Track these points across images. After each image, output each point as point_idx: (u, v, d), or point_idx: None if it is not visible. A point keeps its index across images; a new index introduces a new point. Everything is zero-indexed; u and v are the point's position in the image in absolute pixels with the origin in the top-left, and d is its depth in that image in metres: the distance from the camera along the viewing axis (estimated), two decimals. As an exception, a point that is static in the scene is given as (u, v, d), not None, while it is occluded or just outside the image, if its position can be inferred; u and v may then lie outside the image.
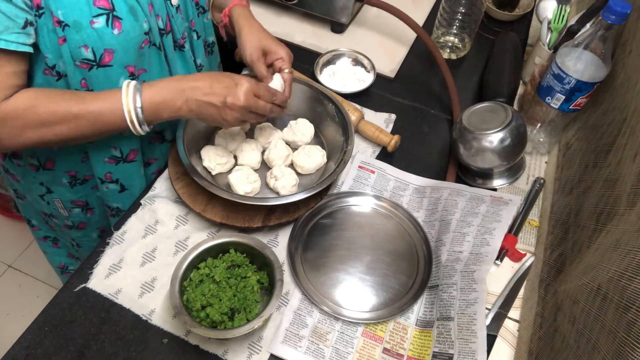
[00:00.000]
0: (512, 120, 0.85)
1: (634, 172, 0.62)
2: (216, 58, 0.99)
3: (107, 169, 0.85)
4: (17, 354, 0.70)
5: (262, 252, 0.74)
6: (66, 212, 0.95)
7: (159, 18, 0.76)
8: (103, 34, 0.68)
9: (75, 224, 0.98)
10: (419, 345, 0.74)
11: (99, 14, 0.67)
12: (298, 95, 0.96)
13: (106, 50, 0.70)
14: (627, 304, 0.51)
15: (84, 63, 0.70)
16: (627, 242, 0.56)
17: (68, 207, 0.94)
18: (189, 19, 0.84)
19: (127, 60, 0.73)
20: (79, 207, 0.94)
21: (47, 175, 0.87)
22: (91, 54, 0.69)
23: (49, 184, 0.89)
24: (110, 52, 0.70)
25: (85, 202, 0.94)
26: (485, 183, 0.93)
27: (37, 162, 0.84)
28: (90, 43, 0.68)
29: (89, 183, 0.90)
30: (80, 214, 0.95)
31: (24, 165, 0.85)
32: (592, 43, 0.80)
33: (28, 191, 0.93)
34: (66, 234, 1.03)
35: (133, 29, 0.70)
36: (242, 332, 0.66)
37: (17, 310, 1.70)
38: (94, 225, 1.00)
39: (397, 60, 1.16)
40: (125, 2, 0.69)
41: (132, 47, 0.72)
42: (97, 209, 0.96)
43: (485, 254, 0.80)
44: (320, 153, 0.89)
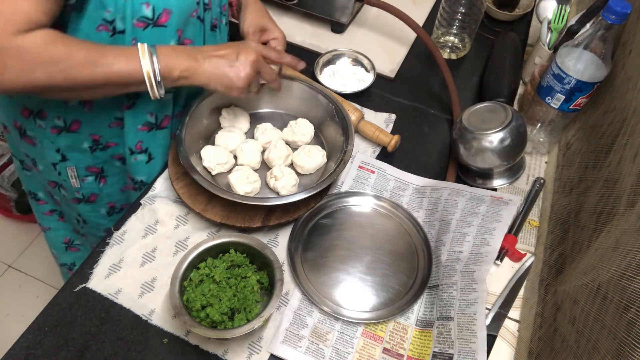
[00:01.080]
0: (512, 120, 0.85)
1: (634, 172, 0.62)
2: None
3: (139, 137, 0.87)
4: (17, 354, 0.70)
5: (262, 252, 0.74)
6: (78, 183, 0.94)
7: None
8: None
9: (85, 196, 0.97)
10: (419, 345, 0.74)
11: None
12: (298, 95, 0.96)
13: (165, 10, 0.72)
14: (627, 304, 0.51)
15: (141, 21, 0.72)
16: (627, 242, 0.56)
17: (81, 176, 0.93)
18: (222, 4, 0.87)
19: (179, 25, 0.76)
20: (92, 175, 0.94)
21: (67, 139, 0.86)
22: (151, 12, 0.71)
23: (67, 150, 0.88)
24: (168, 12, 0.73)
25: (101, 169, 0.94)
26: (485, 183, 0.93)
27: (62, 123, 0.84)
28: (152, 1, 0.71)
29: (109, 151, 0.91)
30: (93, 183, 0.95)
31: (46, 127, 0.84)
32: (592, 43, 0.80)
33: (41, 158, 0.92)
34: (73, 209, 1.02)
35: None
36: (242, 332, 0.66)
37: (17, 310, 1.70)
38: (104, 199, 0.99)
39: (397, 60, 1.16)
40: None
41: (186, 12, 0.75)
42: (110, 179, 0.96)
43: (485, 254, 0.80)
44: (320, 153, 0.89)
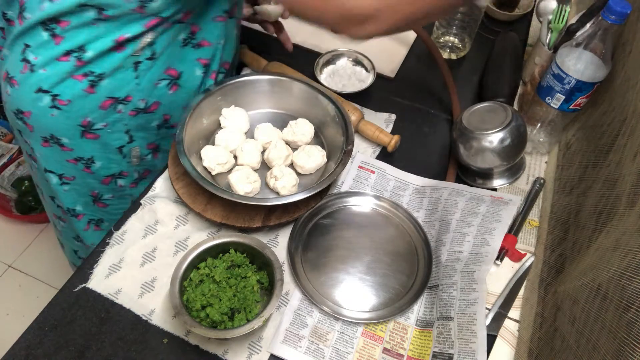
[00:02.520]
0: (512, 120, 0.85)
1: (634, 172, 0.62)
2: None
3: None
4: (17, 354, 0.70)
5: (262, 252, 0.74)
6: (138, 161, 0.97)
7: None
8: None
9: (141, 173, 1.00)
10: (419, 345, 0.74)
11: None
12: (298, 95, 0.96)
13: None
14: (627, 304, 0.51)
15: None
16: (627, 242, 0.56)
17: (143, 154, 0.97)
18: None
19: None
20: (150, 152, 0.98)
21: (142, 119, 0.90)
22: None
23: (136, 129, 0.92)
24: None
25: (158, 145, 0.98)
26: (485, 183, 0.93)
27: (143, 105, 0.88)
28: None
29: (173, 129, 0.95)
30: (150, 159, 0.99)
31: (125, 111, 0.87)
32: (592, 43, 0.80)
33: (104, 148, 0.93)
34: (126, 199, 1.03)
35: None
36: (242, 332, 0.66)
37: (17, 310, 1.70)
38: (155, 174, 1.00)
39: (397, 60, 1.16)
40: None
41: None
42: (162, 154, 1.00)
43: (485, 254, 0.80)
44: (320, 153, 0.89)
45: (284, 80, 0.96)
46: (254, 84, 0.95)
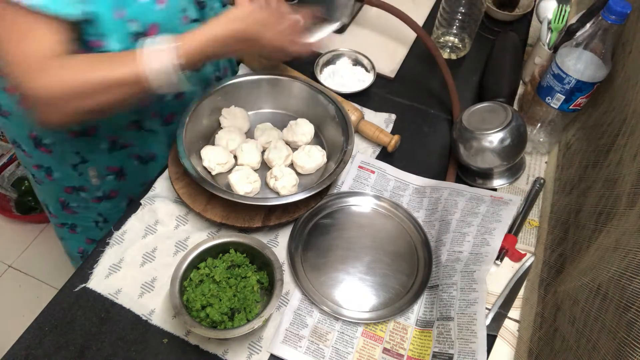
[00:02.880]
0: (512, 120, 0.85)
1: (634, 172, 0.62)
2: None
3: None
4: (17, 354, 0.70)
5: (262, 252, 0.74)
6: (98, 181, 0.95)
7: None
8: (147, 10, 0.72)
9: (106, 193, 0.98)
10: (419, 345, 0.74)
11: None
12: (298, 95, 0.96)
13: (151, 25, 0.73)
14: (627, 304, 0.51)
15: (135, 34, 0.73)
16: (627, 242, 0.56)
17: (102, 175, 0.95)
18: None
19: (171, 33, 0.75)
20: (113, 174, 0.95)
21: (85, 142, 0.88)
22: (140, 27, 0.73)
23: (86, 152, 0.90)
24: (154, 25, 0.74)
25: (120, 169, 0.95)
26: (485, 183, 0.93)
27: (79, 128, 0.86)
28: (138, 17, 0.72)
29: (127, 150, 0.92)
30: (113, 181, 0.97)
31: (65, 132, 0.86)
32: (592, 43, 0.80)
33: (60, 163, 0.92)
34: (92, 210, 1.02)
35: (174, 7, 0.75)
36: (242, 332, 0.66)
37: (17, 310, 1.70)
38: (125, 193, 1.00)
39: (397, 60, 1.16)
40: None
41: (176, 20, 0.77)
42: (130, 176, 0.98)
43: (485, 254, 0.80)
44: (320, 153, 0.89)
45: (284, 80, 0.96)
46: (254, 84, 0.96)
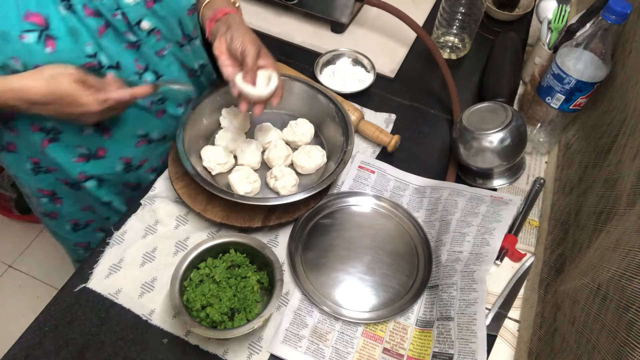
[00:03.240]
0: (512, 120, 0.85)
1: (634, 172, 0.62)
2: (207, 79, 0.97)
3: (79, 168, 0.84)
4: (17, 354, 0.70)
5: (262, 252, 0.74)
6: (35, 199, 0.92)
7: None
8: (33, 51, 0.64)
9: (47, 212, 0.95)
10: (419, 345, 0.74)
11: (30, 30, 0.63)
12: (298, 95, 0.96)
13: (36, 66, 0.66)
14: (627, 304, 0.51)
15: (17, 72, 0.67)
16: (627, 242, 0.56)
17: (36, 196, 0.91)
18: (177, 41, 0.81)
19: None
20: (46, 197, 0.91)
21: (10, 158, 0.84)
22: (21, 66, 0.65)
23: (14, 169, 0.86)
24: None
25: (53, 192, 0.90)
26: (485, 183, 0.93)
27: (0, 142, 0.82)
28: (20, 56, 0.64)
29: (54, 174, 0.87)
30: (49, 203, 0.92)
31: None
32: (592, 43, 0.80)
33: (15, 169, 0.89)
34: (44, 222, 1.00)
35: (70, 51, 0.67)
36: (242, 332, 0.66)
37: (17, 310, 1.70)
38: (65, 218, 0.96)
39: (397, 60, 1.16)
40: (64, 22, 0.65)
41: (76, 65, 0.68)
42: (68, 200, 0.92)
43: (485, 254, 0.80)
44: (320, 153, 0.89)
45: (284, 80, 0.95)
46: (254, 84, 0.95)
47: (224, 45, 0.77)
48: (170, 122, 0.89)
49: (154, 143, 0.90)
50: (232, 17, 0.80)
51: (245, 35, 0.77)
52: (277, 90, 0.79)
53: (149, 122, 0.86)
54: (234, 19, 0.79)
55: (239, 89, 0.77)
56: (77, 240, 1.03)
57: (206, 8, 0.84)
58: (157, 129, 0.89)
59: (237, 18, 0.80)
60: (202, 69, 0.92)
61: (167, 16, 0.76)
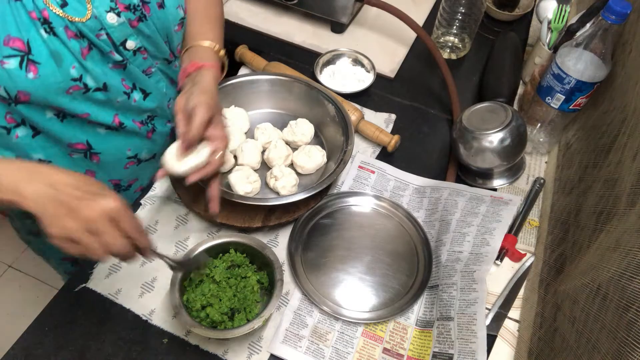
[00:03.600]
0: (512, 120, 0.85)
1: (634, 172, 0.62)
2: None
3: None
4: (17, 354, 0.70)
5: (262, 252, 0.74)
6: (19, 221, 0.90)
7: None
8: (15, 76, 0.62)
9: (32, 231, 0.93)
10: (419, 345, 0.74)
11: (11, 55, 0.60)
12: (298, 95, 0.96)
13: (20, 92, 0.64)
14: (627, 304, 0.51)
15: (1, 98, 0.64)
16: (627, 242, 0.56)
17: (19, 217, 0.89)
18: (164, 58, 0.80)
19: (50, 102, 0.67)
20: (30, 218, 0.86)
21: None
22: (4, 92, 0.63)
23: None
24: (25, 93, 0.64)
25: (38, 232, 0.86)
26: (485, 183, 0.93)
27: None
28: (2, 82, 0.62)
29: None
30: (33, 224, 0.90)
31: None
32: (592, 43, 0.80)
33: None
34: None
35: (54, 75, 0.64)
36: (242, 332, 0.66)
37: (17, 310, 1.70)
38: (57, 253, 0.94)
39: (397, 60, 1.16)
40: (46, 46, 0.62)
41: (54, 92, 0.66)
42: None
43: (485, 254, 0.80)
44: (320, 153, 0.89)
45: (284, 80, 0.96)
46: (254, 84, 0.96)
47: (181, 103, 0.71)
48: (159, 140, 0.88)
49: (144, 162, 0.88)
50: (202, 74, 0.75)
51: (202, 96, 0.70)
52: (197, 169, 0.69)
53: (138, 143, 0.85)
54: (202, 77, 0.74)
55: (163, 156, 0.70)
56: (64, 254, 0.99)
57: (186, 54, 0.81)
58: (146, 148, 0.87)
59: (208, 76, 0.75)
60: None
61: (153, 35, 0.75)
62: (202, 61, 0.77)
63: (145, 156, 0.88)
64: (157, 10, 0.73)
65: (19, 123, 0.69)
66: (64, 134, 0.74)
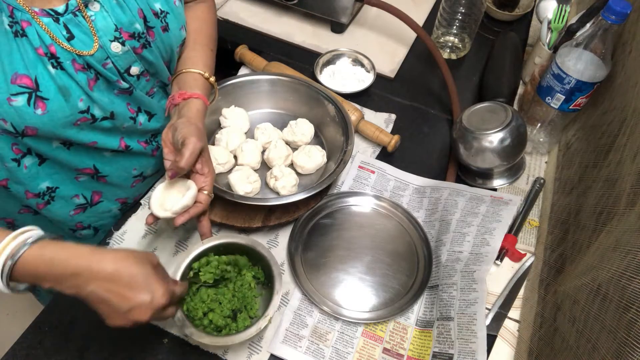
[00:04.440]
0: (512, 120, 0.85)
1: (634, 172, 0.62)
2: None
3: (75, 219, 0.83)
4: (17, 354, 0.70)
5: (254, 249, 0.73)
6: None
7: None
8: (23, 113, 0.62)
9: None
10: (419, 345, 0.74)
11: (19, 93, 0.60)
12: (298, 95, 0.96)
13: (28, 127, 0.63)
14: (627, 304, 0.51)
15: (7, 132, 0.64)
16: (627, 242, 0.56)
17: None
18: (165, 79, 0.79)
19: (58, 135, 0.68)
20: None
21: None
22: (11, 127, 0.63)
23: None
24: (33, 128, 0.64)
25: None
26: (485, 183, 0.93)
27: None
28: (9, 118, 0.62)
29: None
30: None
31: None
32: (592, 43, 0.80)
33: None
34: None
35: (62, 110, 0.64)
36: (250, 335, 0.65)
37: (17, 310, 1.70)
38: None
39: (397, 60, 1.16)
40: (54, 81, 0.62)
41: (61, 126, 0.66)
42: None
43: (485, 254, 0.80)
44: (320, 153, 0.89)
45: (284, 80, 0.96)
46: (254, 84, 0.96)
47: (168, 135, 0.71)
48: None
49: (149, 178, 0.89)
50: (189, 106, 0.74)
51: (190, 127, 0.69)
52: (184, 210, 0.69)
53: (144, 162, 0.85)
54: (189, 109, 0.73)
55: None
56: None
57: (175, 82, 0.80)
58: (151, 166, 0.87)
59: (194, 107, 0.74)
60: None
61: (156, 60, 0.74)
62: (191, 90, 0.76)
63: (149, 173, 0.89)
64: (162, 34, 0.73)
65: (25, 153, 0.69)
66: (71, 161, 0.74)
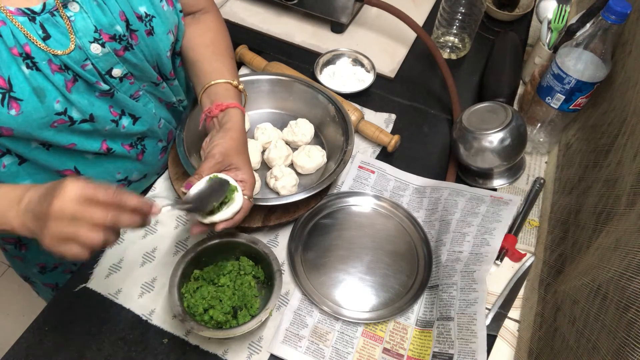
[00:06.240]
0: (512, 120, 0.85)
1: (634, 172, 0.62)
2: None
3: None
4: (17, 354, 0.70)
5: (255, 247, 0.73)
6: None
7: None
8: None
9: (12, 256, 0.92)
10: (419, 345, 0.74)
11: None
12: (298, 95, 0.96)
13: (2, 127, 0.62)
14: (627, 304, 0.51)
15: None
16: (627, 242, 0.56)
17: (0, 244, 0.89)
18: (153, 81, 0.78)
19: (34, 136, 0.66)
20: (10, 244, 0.88)
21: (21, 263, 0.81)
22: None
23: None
24: (7, 129, 0.63)
25: (17, 240, 0.87)
26: (485, 183, 0.93)
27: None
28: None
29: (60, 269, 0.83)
30: (14, 249, 0.89)
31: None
32: (592, 43, 0.80)
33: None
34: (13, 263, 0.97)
35: (37, 111, 0.63)
36: (251, 327, 0.66)
37: (17, 310, 1.70)
38: (33, 261, 0.93)
39: (397, 60, 1.16)
40: (28, 82, 0.61)
41: (37, 127, 0.64)
42: (34, 247, 0.88)
43: (485, 254, 0.80)
44: (320, 153, 0.89)
45: (284, 80, 0.96)
46: (254, 84, 0.96)
47: (205, 146, 0.73)
48: (150, 160, 0.85)
49: (135, 183, 0.86)
50: (230, 115, 0.74)
51: (222, 140, 0.70)
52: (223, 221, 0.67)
53: (128, 166, 0.83)
54: (230, 118, 0.74)
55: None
56: (45, 281, 0.99)
57: (205, 95, 0.78)
58: (137, 170, 0.85)
59: (236, 116, 0.74)
60: (179, 102, 0.88)
61: (140, 63, 0.72)
62: (227, 101, 0.75)
63: (135, 178, 0.86)
64: (146, 38, 0.71)
65: (4, 152, 0.69)
66: (51, 162, 0.72)
